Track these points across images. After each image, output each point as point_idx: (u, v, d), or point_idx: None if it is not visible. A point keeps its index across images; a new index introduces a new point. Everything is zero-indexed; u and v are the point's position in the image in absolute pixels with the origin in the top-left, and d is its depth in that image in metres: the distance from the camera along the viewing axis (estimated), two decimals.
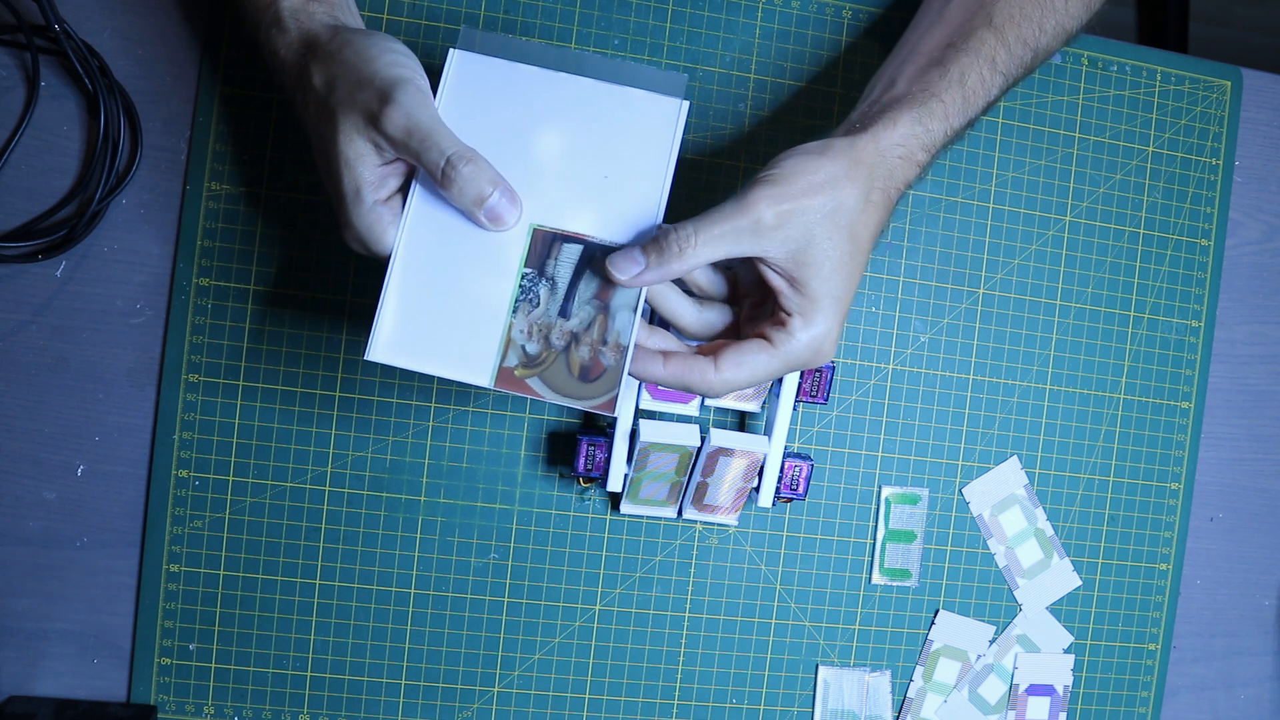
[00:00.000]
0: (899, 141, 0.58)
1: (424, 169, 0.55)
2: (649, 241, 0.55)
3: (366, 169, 0.55)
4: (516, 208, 0.56)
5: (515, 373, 0.57)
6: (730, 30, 0.75)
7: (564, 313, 0.57)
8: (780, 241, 0.54)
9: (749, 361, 0.56)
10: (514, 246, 0.57)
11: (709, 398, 0.57)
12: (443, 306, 0.57)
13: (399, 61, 0.56)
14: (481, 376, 0.56)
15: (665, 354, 0.57)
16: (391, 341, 0.56)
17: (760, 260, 0.55)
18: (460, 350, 0.57)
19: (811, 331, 0.56)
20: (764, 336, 0.56)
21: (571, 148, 0.58)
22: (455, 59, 0.58)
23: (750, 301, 0.60)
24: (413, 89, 0.54)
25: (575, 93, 0.59)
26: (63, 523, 0.69)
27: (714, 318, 0.60)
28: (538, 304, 0.57)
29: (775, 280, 0.56)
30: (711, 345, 0.58)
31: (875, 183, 0.57)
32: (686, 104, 0.59)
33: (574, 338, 0.57)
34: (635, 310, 0.57)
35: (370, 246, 0.57)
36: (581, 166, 0.58)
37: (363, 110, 0.54)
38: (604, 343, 0.57)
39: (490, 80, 0.58)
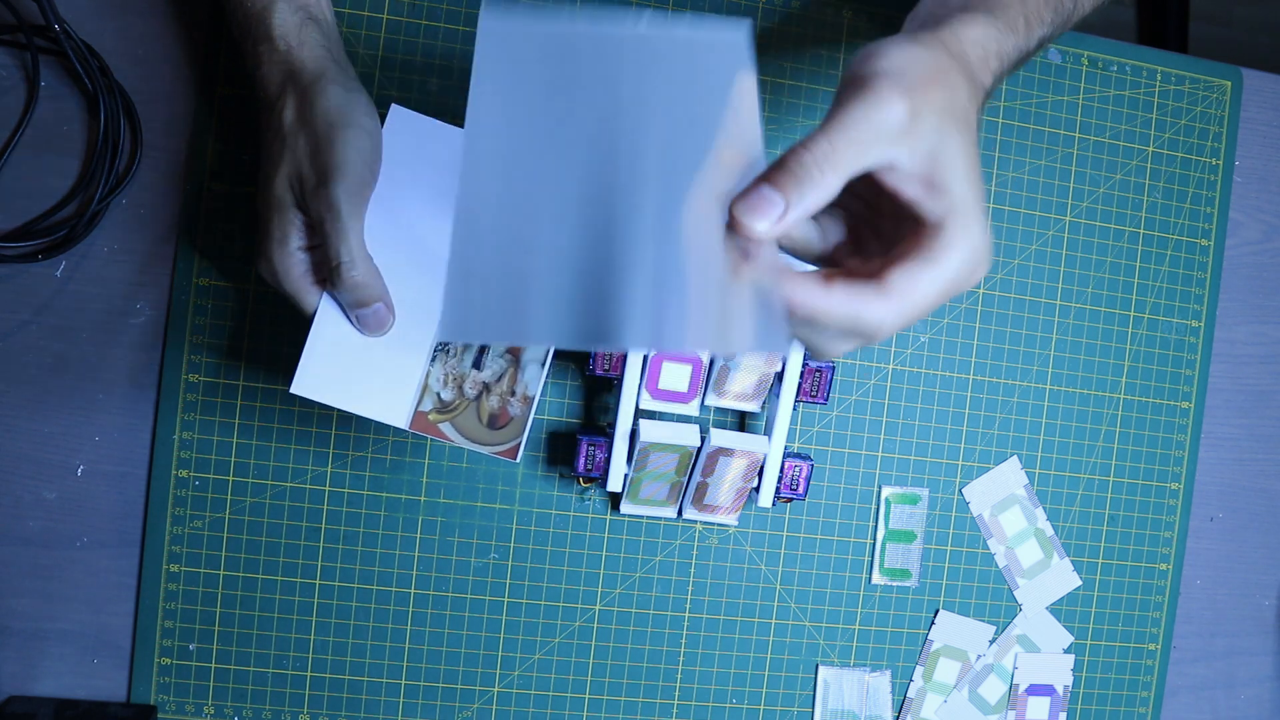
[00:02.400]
0: (978, 40, 0.51)
1: (324, 255, 0.57)
2: (777, 173, 0.43)
3: (295, 217, 0.58)
4: (389, 322, 0.60)
5: (429, 417, 0.62)
6: None
7: (478, 364, 0.62)
8: (913, 141, 0.44)
9: (920, 283, 0.44)
10: (437, 300, 0.60)
11: (871, 342, 0.46)
12: (366, 350, 0.60)
13: (358, 142, 0.57)
14: (398, 418, 0.61)
15: (827, 275, 0.45)
16: (315, 378, 0.60)
17: (888, 170, 0.45)
18: (380, 392, 0.61)
19: (971, 239, 0.45)
20: (921, 255, 0.45)
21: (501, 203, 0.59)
22: (393, 114, 0.61)
23: (845, 251, 0.50)
24: (352, 180, 0.56)
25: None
26: (63, 523, 0.69)
27: (836, 239, 0.49)
28: (454, 355, 0.61)
29: (908, 191, 0.45)
30: (852, 269, 0.46)
31: (974, 77, 0.49)
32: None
33: (485, 388, 0.62)
34: (543, 365, 0.62)
35: (282, 286, 0.59)
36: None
37: (303, 173, 0.57)
38: (513, 394, 0.62)
39: (426, 137, 0.61)
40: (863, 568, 0.77)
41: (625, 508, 0.72)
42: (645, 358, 0.67)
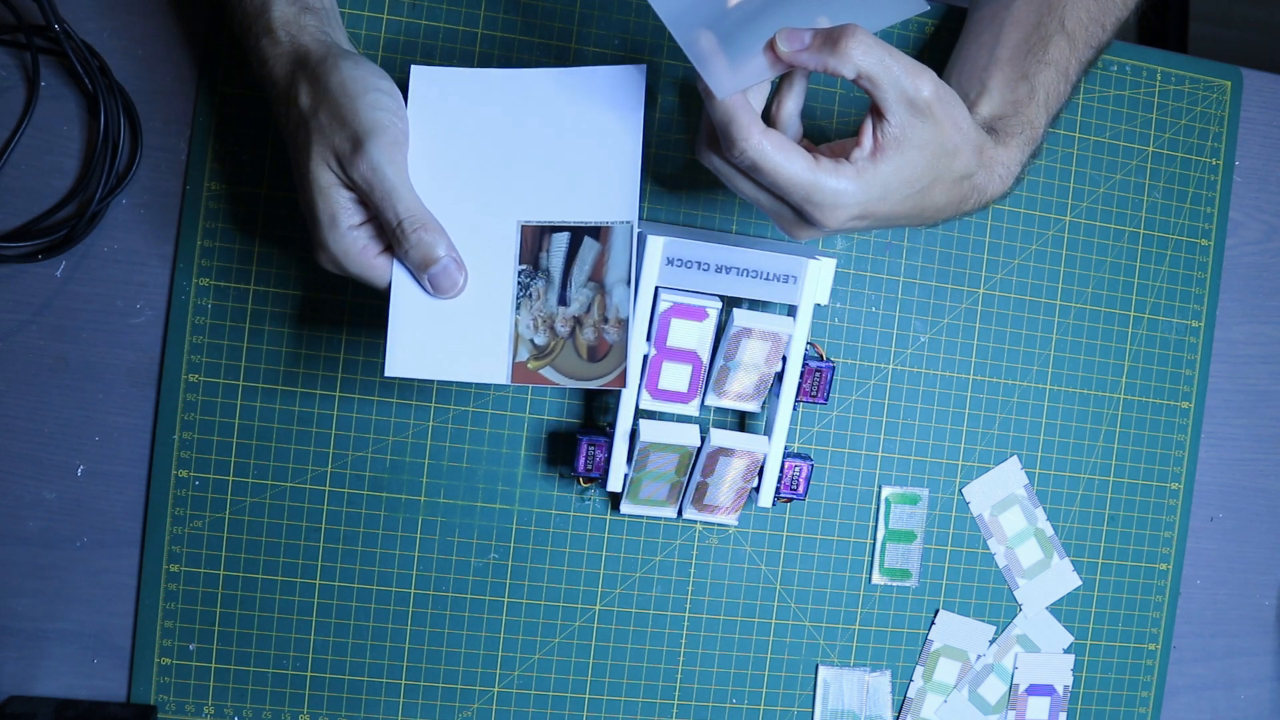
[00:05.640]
0: (1006, 162, 0.62)
1: (381, 222, 0.57)
2: (824, 30, 0.53)
3: (340, 195, 0.57)
4: (460, 279, 0.58)
5: (528, 365, 0.59)
6: None
7: (563, 300, 0.59)
8: (907, 119, 0.54)
9: (791, 157, 0.54)
10: (506, 246, 0.59)
11: (734, 161, 0.55)
12: (449, 314, 0.58)
13: (380, 103, 0.56)
14: (498, 375, 0.59)
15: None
16: (406, 355, 0.58)
17: (876, 114, 0.54)
18: (473, 353, 0.59)
19: (849, 186, 0.55)
20: (815, 155, 0.55)
21: (544, 138, 0.60)
22: (415, 75, 0.60)
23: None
24: (386, 140, 0.55)
25: (538, 84, 0.61)
26: (63, 523, 0.69)
27: (799, 127, 0.59)
28: (538, 297, 0.59)
29: (867, 137, 0.55)
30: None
31: (975, 177, 0.60)
32: (646, 67, 0.60)
33: (577, 322, 0.59)
34: (629, 284, 0.59)
35: (346, 269, 0.58)
36: (557, 155, 0.60)
37: (335, 146, 0.56)
38: (605, 320, 0.59)
39: (455, 89, 0.60)
40: (863, 568, 0.77)
41: (625, 508, 0.72)
42: (645, 357, 0.67)
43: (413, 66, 0.60)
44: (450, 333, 0.59)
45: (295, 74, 0.58)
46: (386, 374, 0.58)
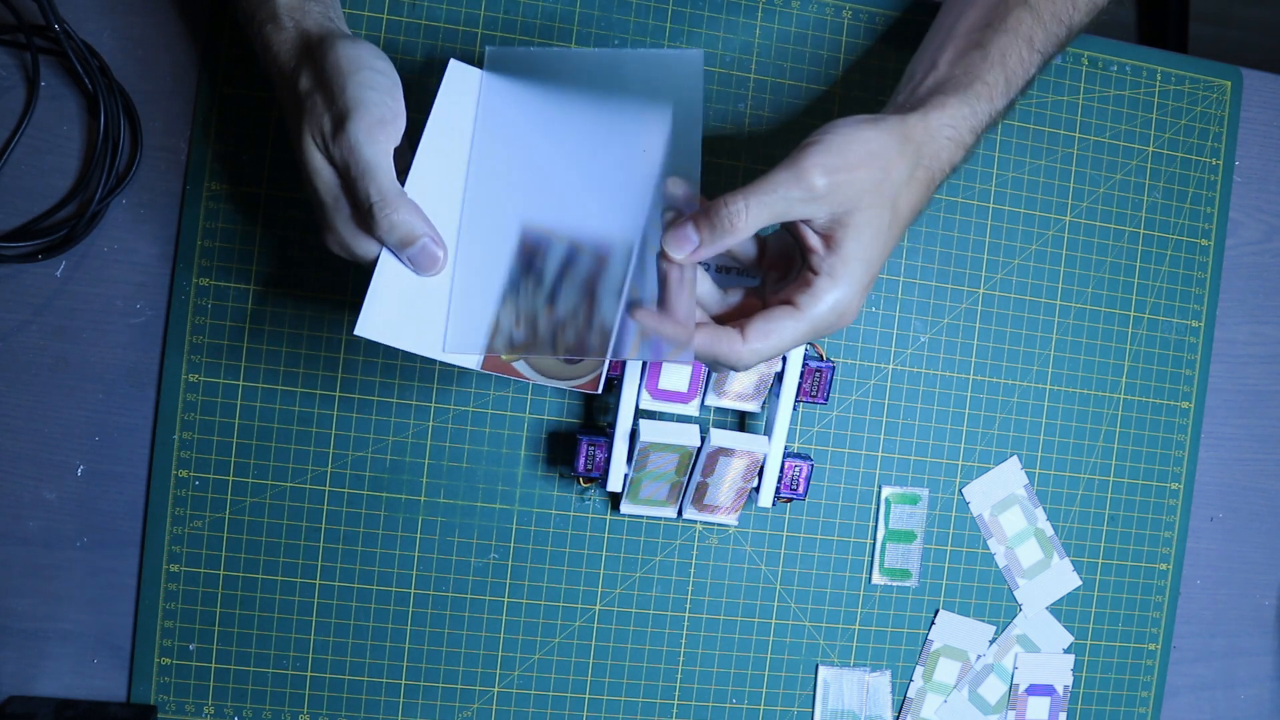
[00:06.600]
0: (948, 122, 0.59)
1: (354, 202, 0.56)
2: (700, 216, 0.54)
3: (334, 176, 0.56)
4: (440, 255, 0.58)
5: (502, 356, 0.59)
6: (730, 30, 0.75)
7: (551, 301, 0.59)
8: (827, 206, 0.54)
9: (776, 329, 0.55)
10: (506, 242, 0.60)
11: (736, 370, 0.57)
12: (433, 292, 0.58)
13: (370, 81, 0.56)
14: (468, 360, 0.59)
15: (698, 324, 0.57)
16: (379, 319, 0.57)
17: (803, 221, 0.55)
18: (448, 333, 0.59)
19: (837, 293, 0.55)
20: (789, 302, 0.56)
21: (564, 153, 0.60)
22: (451, 69, 0.60)
23: (774, 275, 0.61)
24: (368, 119, 0.55)
25: (573, 104, 0.61)
26: (63, 523, 0.69)
27: (734, 300, 0.60)
28: (525, 295, 0.59)
29: (811, 239, 0.55)
30: (735, 318, 0.58)
31: (921, 161, 0.58)
32: (672, 111, 0.60)
33: (561, 325, 0.59)
34: (619, 296, 0.59)
35: (353, 250, 0.58)
36: (573, 170, 0.60)
37: (321, 126, 0.56)
38: (589, 327, 0.59)
39: (488, 89, 0.61)
40: (863, 568, 0.77)
41: (625, 508, 0.72)
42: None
43: (451, 60, 0.60)
44: (431, 309, 0.58)
45: (300, 56, 0.58)
46: (355, 333, 0.56)
